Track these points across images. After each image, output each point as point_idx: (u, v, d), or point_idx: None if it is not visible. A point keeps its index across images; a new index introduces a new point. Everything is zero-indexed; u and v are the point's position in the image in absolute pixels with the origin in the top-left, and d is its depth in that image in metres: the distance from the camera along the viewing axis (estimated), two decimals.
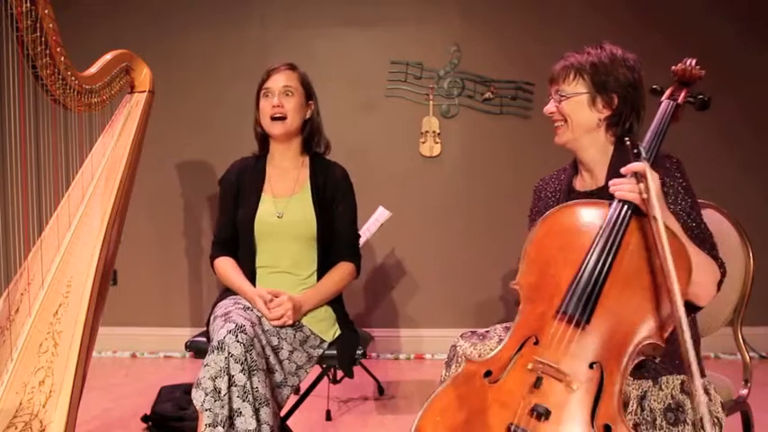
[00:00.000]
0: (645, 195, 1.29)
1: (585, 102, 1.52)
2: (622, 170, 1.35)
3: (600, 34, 3.59)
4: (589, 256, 1.33)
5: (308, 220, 2.02)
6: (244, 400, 1.65)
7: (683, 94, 1.52)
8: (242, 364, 1.66)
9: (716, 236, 1.46)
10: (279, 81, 2.03)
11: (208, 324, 1.99)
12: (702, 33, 3.74)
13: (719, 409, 1.39)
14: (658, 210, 1.26)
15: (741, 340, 1.80)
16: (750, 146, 3.79)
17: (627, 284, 1.31)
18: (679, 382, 1.40)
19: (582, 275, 1.31)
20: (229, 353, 1.65)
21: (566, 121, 1.55)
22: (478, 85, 3.82)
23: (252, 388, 1.67)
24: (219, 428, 1.63)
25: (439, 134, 3.83)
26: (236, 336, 1.67)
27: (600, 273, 1.30)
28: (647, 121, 1.54)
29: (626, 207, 1.34)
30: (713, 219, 1.84)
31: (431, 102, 3.82)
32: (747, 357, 1.79)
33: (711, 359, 3.66)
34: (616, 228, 1.33)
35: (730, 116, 3.76)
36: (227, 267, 2.05)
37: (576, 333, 1.28)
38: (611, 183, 1.38)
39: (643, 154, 1.33)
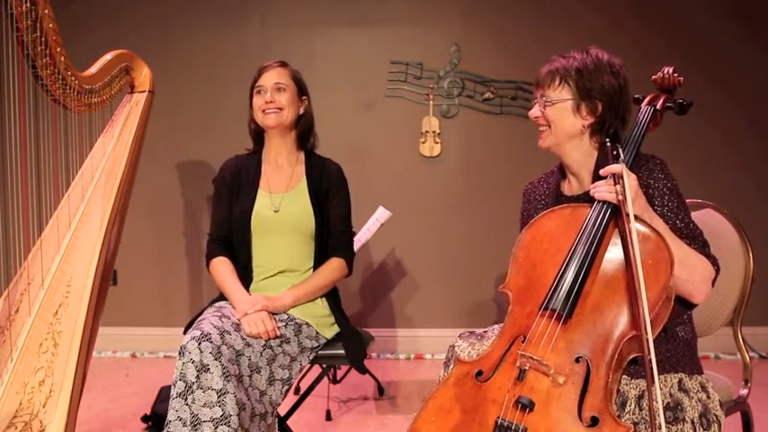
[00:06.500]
0: (621, 197, 1.32)
1: (570, 108, 1.53)
2: (601, 172, 1.39)
3: (600, 34, 3.63)
4: (570, 255, 1.37)
5: (305, 214, 2.02)
6: (203, 406, 1.63)
7: (661, 101, 1.55)
8: (199, 371, 1.64)
9: (716, 236, 1.47)
10: (271, 78, 2.04)
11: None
12: (703, 34, 3.75)
13: (718, 407, 1.39)
14: (631, 208, 1.29)
15: (741, 340, 1.80)
16: (750, 146, 3.79)
17: (608, 281, 1.34)
18: (677, 380, 1.40)
19: (564, 273, 1.35)
20: (191, 359, 1.65)
21: (549, 126, 1.56)
22: (478, 85, 3.82)
23: (225, 393, 1.64)
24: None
25: (439, 134, 3.83)
26: (199, 343, 1.66)
27: (580, 269, 1.34)
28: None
29: (605, 207, 1.38)
30: (713, 219, 1.84)
31: (431, 102, 3.82)
32: (747, 357, 1.80)
33: (711, 359, 3.66)
34: (596, 227, 1.36)
35: (730, 116, 3.76)
36: (223, 270, 2.01)
37: (559, 328, 1.31)
38: (591, 186, 1.42)
39: (621, 156, 1.37)
